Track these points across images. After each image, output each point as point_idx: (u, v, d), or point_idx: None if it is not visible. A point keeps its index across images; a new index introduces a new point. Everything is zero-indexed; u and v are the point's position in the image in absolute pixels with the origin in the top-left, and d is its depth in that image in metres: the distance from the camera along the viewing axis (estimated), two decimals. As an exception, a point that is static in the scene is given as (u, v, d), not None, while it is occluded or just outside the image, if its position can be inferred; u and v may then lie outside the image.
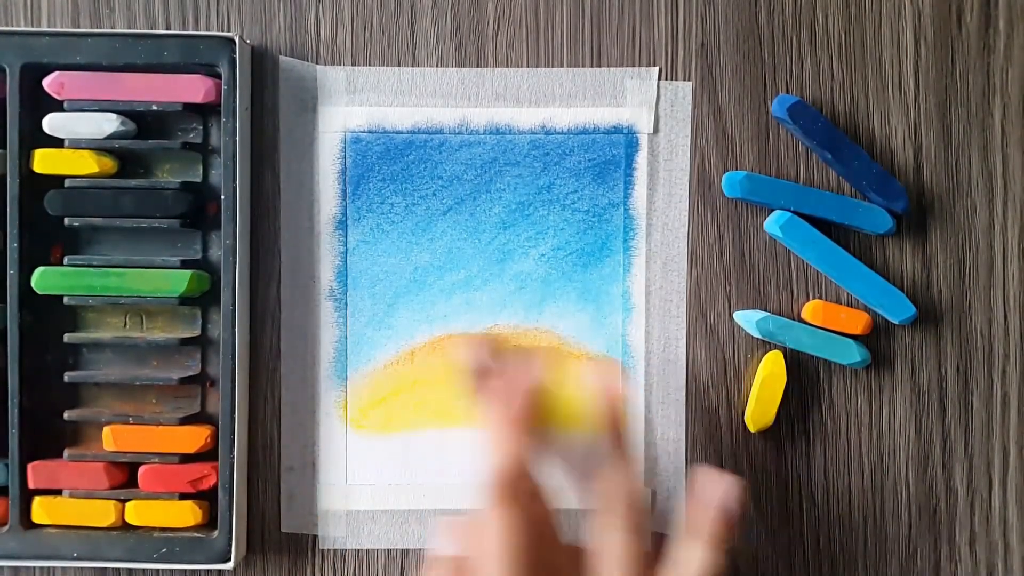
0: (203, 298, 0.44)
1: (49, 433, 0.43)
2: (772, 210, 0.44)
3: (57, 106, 0.42)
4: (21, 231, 0.42)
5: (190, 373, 0.44)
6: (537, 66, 0.44)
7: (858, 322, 0.44)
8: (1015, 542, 0.45)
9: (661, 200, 0.45)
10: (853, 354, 0.44)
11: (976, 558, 0.45)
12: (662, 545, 0.36)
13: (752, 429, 0.44)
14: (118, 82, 0.42)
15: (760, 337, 0.44)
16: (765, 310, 0.44)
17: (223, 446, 0.42)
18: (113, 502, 0.43)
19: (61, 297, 0.42)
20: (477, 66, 0.44)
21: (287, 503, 0.45)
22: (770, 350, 0.44)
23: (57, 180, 0.42)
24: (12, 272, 0.42)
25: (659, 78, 0.44)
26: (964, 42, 0.45)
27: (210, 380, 0.44)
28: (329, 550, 0.45)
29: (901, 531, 0.45)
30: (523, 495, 0.34)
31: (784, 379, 0.44)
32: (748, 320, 0.44)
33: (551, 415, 0.37)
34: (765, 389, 0.44)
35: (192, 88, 0.42)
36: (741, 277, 0.45)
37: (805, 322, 0.44)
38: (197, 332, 0.44)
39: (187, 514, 0.42)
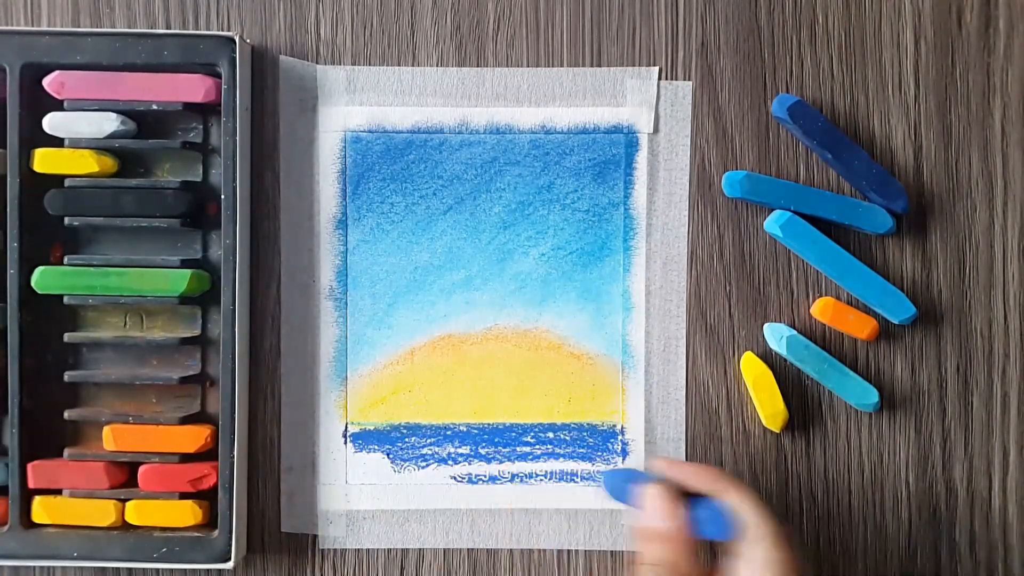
0: (203, 298, 0.44)
1: (49, 433, 0.43)
2: (772, 210, 0.44)
3: (57, 105, 0.42)
4: (21, 231, 0.42)
5: (190, 373, 0.44)
6: (537, 66, 0.44)
7: (864, 326, 0.43)
8: (1015, 542, 0.45)
9: (661, 200, 0.45)
10: (870, 396, 0.43)
11: (976, 558, 0.45)
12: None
13: (776, 429, 0.44)
14: (118, 81, 0.42)
15: (785, 355, 0.43)
16: (765, 311, 0.44)
17: (223, 446, 0.42)
18: (113, 502, 0.42)
19: (61, 297, 0.42)
20: (477, 66, 0.44)
21: (287, 503, 0.45)
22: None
23: (57, 180, 0.42)
24: (12, 272, 0.42)
25: (659, 78, 0.44)
26: (964, 42, 0.44)
27: (210, 380, 0.44)
28: (329, 550, 0.45)
29: (901, 531, 0.45)
30: None
31: (768, 371, 0.44)
32: (777, 334, 0.43)
33: None
34: (760, 389, 0.44)
35: (192, 88, 0.42)
36: (741, 277, 0.45)
37: (828, 351, 0.44)
38: (197, 332, 0.44)
39: (187, 514, 0.42)
